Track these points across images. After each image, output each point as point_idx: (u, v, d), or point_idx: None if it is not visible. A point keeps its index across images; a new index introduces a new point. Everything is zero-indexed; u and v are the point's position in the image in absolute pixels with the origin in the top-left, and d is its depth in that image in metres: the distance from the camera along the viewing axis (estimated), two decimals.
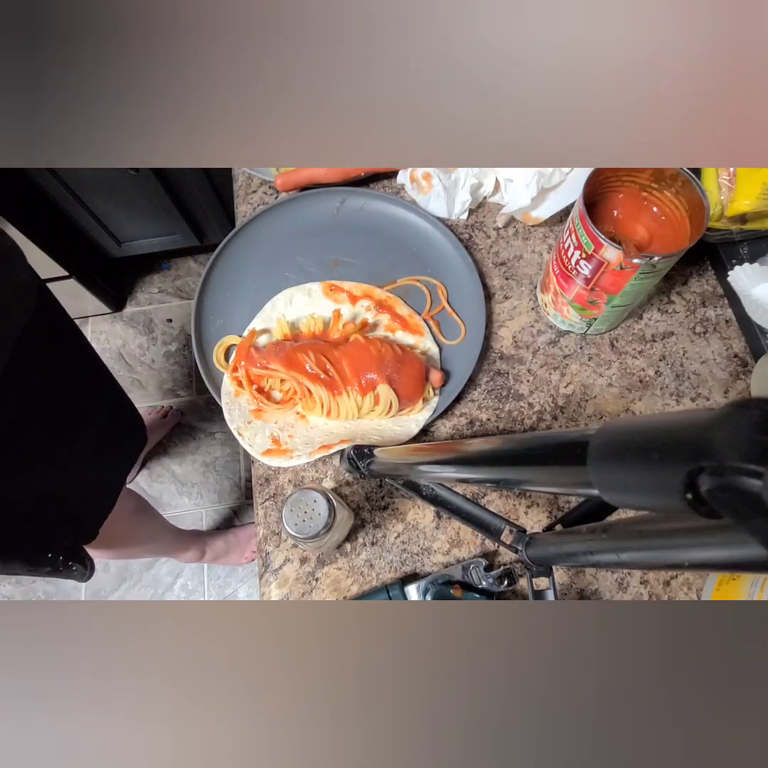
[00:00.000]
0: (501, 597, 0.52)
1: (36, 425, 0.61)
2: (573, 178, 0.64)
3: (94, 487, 0.77)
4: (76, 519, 0.74)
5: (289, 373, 0.56)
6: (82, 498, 0.75)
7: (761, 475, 0.13)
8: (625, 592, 0.54)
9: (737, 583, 0.49)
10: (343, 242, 0.67)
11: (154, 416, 1.47)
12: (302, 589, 0.55)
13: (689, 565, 0.21)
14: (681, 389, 0.61)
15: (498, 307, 0.65)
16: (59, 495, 0.69)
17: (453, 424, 0.61)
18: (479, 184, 0.67)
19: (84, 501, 0.76)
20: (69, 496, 0.71)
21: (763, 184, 0.54)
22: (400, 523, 0.57)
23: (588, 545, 0.30)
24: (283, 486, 0.58)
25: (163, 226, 1.41)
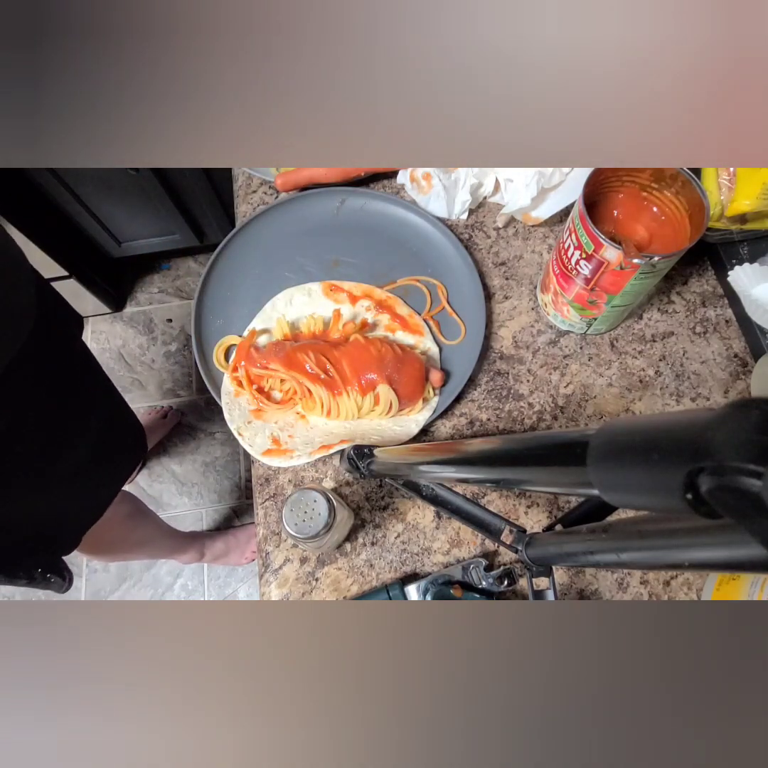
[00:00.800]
0: (501, 597, 0.52)
1: (20, 443, 0.59)
2: (573, 178, 0.64)
3: (79, 504, 0.75)
4: (55, 535, 0.72)
5: (289, 373, 0.56)
6: (63, 515, 0.72)
7: (761, 475, 0.13)
8: (625, 592, 0.54)
9: (737, 583, 0.49)
10: (343, 242, 0.67)
11: (154, 416, 1.47)
12: (302, 589, 0.55)
13: (689, 565, 0.21)
14: (681, 389, 0.61)
15: (498, 307, 0.65)
16: (38, 513, 0.66)
17: (453, 424, 0.61)
18: (479, 184, 0.67)
19: (66, 517, 0.73)
20: (49, 513, 0.68)
21: (763, 184, 0.54)
22: (400, 523, 0.57)
23: (588, 545, 0.30)
24: (283, 486, 0.58)
25: (163, 226, 1.41)
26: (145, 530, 1.07)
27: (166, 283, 1.67)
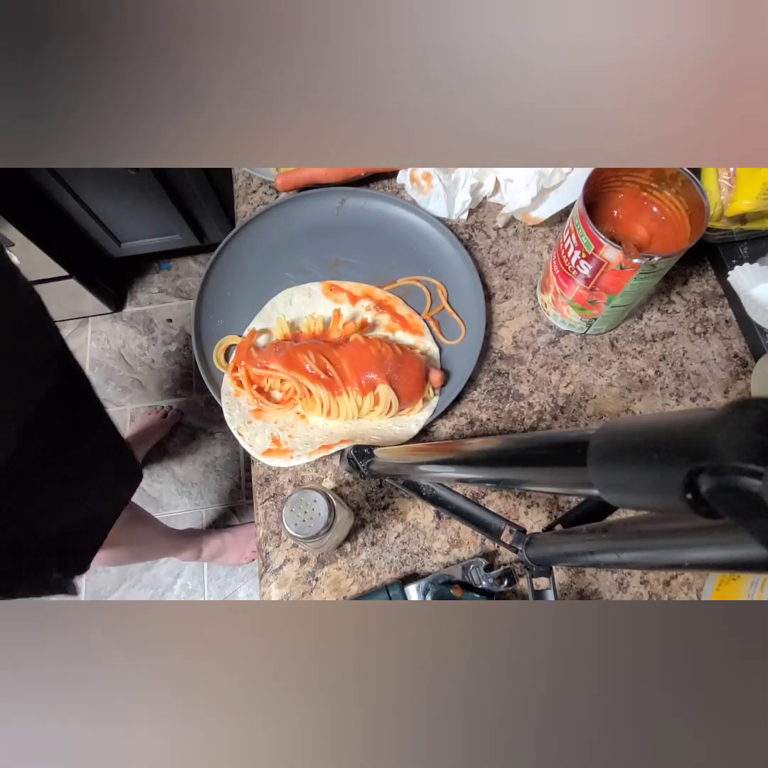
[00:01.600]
0: (501, 597, 0.52)
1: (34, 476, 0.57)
2: (573, 178, 0.64)
3: (89, 526, 0.72)
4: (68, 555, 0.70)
5: (289, 373, 0.56)
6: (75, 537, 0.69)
7: (761, 475, 0.13)
8: (625, 592, 0.54)
9: (737, 583, 0.49)
10: (343, 242, 0.67)
11: (154, 416, 1.47)
12: (302, 589, 0.55)
13: (689, 565, 0.21)
14: (681, 389, 0.61)
15: (498, 307, 0.65)
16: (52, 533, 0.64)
17: (453, 424, 0.61)
18: (479, 184, 0.67)
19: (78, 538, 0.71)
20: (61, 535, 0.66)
21: (763, 184, 0.54)
22: (400, 523, 0.57)
23: (588, 545, 0.30)
24: (283, 486, 0.58)
25: (163, 226, 1.41)
26: (143, 534, 1.07)
27: (166, 283, 1.67)
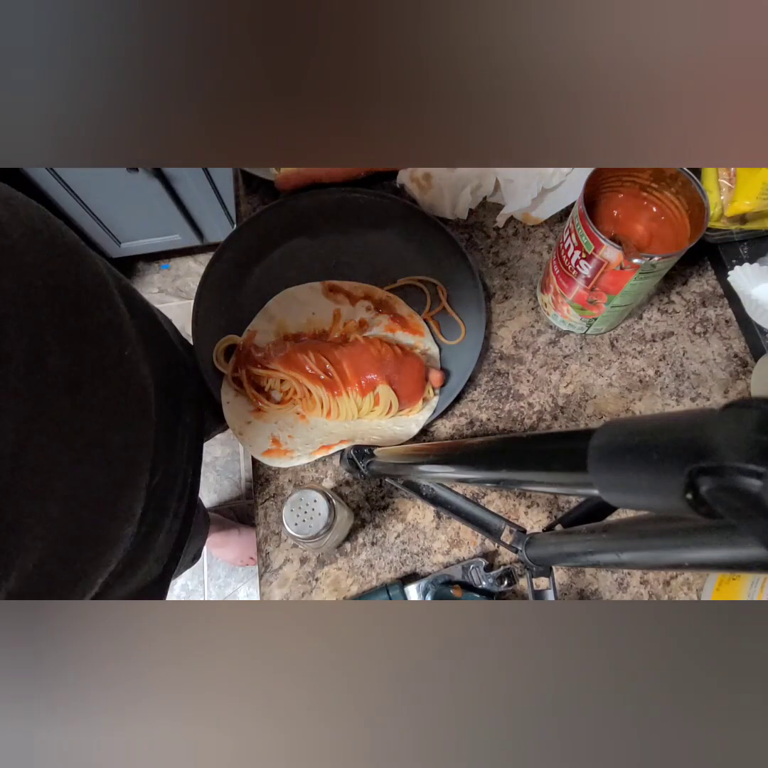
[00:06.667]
0: (501, 597, 0.52)
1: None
2: (573, 178, 0.64)
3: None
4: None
5: (288, 373, 0.56)
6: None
7: (761, 475, 0.13)
8: (625, 592, 0.54)
9: (737, 583, 0.49)
10: (343, 242, 0.67)
11: None
12: (302, 589, 0.55)
13: (689, 565, 0.21)
14: (681, 389, 0.61)
15: (498, 307, 0.65)
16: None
17: (453, 424, 0.61)
18: (479, 184, 0.67)
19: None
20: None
21: (763, 184, 0.54)
22: (400, 523, 0.57)
23: (588, 545, 0.30)
24: (283, 486, 0.58)
25: (163, 226, 1.41)
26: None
27: (166, 283, 1.67)
